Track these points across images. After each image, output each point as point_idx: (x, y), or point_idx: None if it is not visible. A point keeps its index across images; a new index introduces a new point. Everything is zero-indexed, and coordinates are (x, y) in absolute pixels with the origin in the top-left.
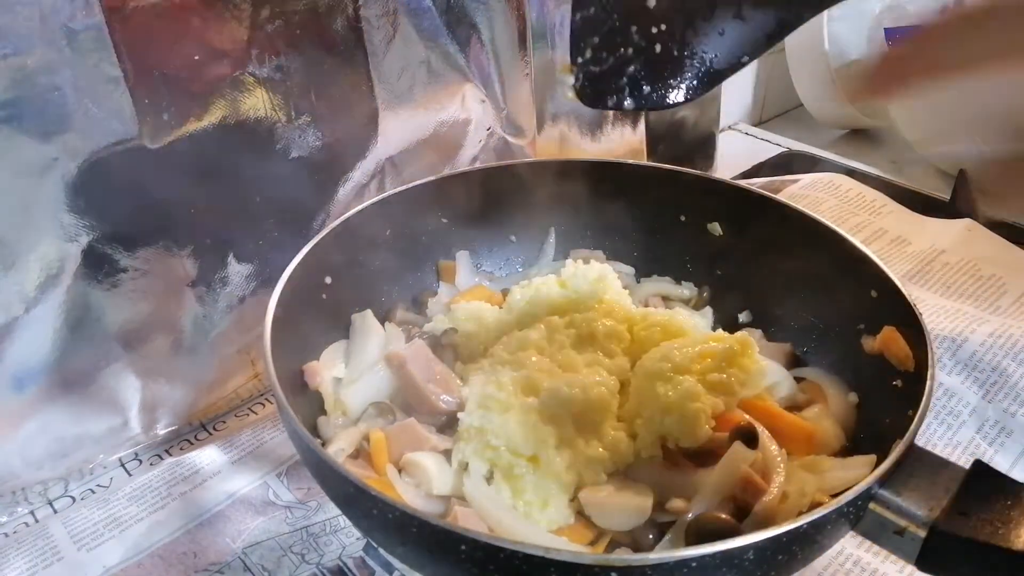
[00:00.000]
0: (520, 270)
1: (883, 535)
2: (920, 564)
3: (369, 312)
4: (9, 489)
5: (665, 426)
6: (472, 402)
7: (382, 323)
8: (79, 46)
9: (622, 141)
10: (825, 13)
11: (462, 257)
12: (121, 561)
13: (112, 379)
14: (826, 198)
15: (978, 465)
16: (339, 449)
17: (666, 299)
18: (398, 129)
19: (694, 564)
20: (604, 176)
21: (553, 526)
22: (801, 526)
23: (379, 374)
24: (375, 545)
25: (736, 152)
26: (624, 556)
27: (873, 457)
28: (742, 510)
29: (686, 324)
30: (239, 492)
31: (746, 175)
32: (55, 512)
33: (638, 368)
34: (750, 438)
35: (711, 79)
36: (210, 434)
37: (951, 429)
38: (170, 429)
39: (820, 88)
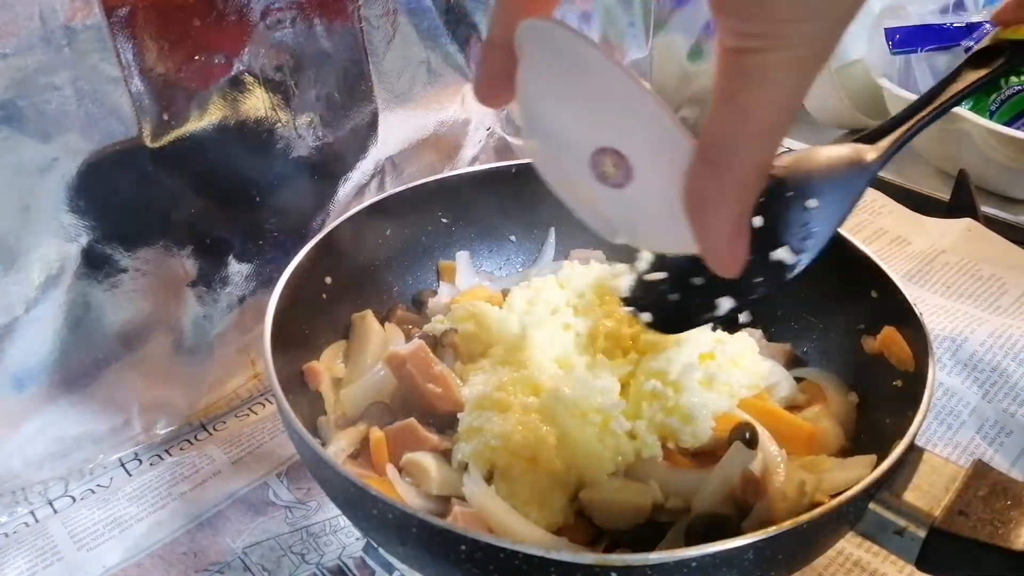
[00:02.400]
0: (520, 270)
1: (883, 535)
2: (920, 564)
3: (369, 312)
4: (9, 489)
5: (665, 426)
6: (472, 402)
7: (382, 323)
8: (79, 46)
9: None
10: None
11: (462, 257)
12: (121, 561)
13: (112, 379)
14: None
15: (978, 465)
16: (339, 449)
17: None
18: (398, 129)
19: (694, 564)
20: None
21: (553, 526)
22: (801, 526)
23: (379, 374)
24: (375, 545)
25: None
26: (624, 556)
27: (873, 457)
28: (742, 510)
29: None
30: (239, 492)
31: None
32: (55, 512)
33: (639, 369)
34: (750, 438)
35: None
36: (210, 434)
37: (951, 429)
38: (170, 429)
39: (821, 88)
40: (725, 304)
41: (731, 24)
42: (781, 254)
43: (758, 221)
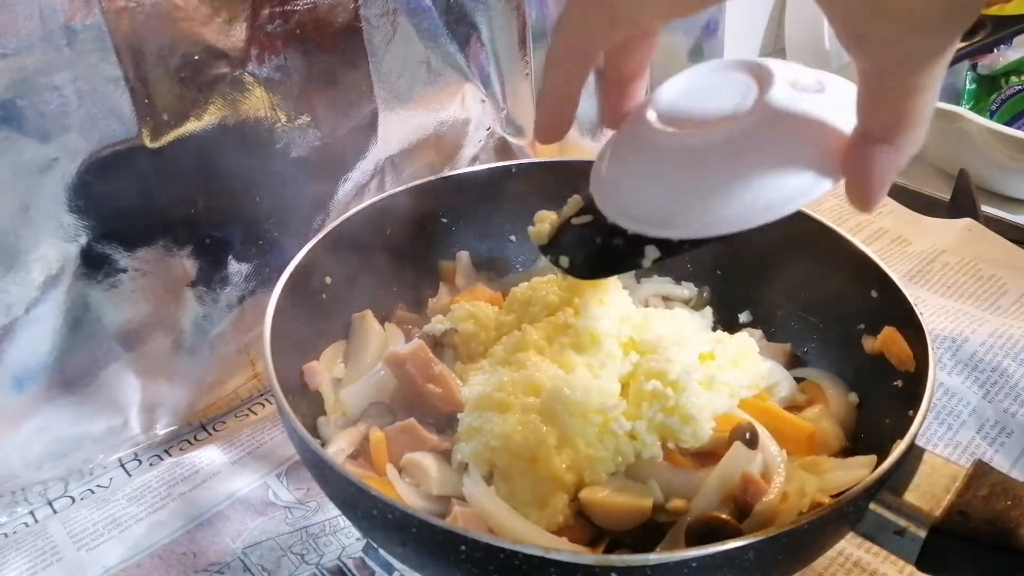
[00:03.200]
0: (520, 270)
1: (883, 535)
2: (920, 565)
3: (369, 312)
4: (9, 489)
5: (666, 426)
6: (472, 402)
7: (382, 323)
8: (79, 46)
9: None
10: None
11: (462, 257)
12: (120, 561)
13: (112, 379)
14: (826, 198)
15: (978, 465)
16: (339, 449)
17: (666, 299)
18: (398, 129)
19: (694, 564)
20: None
21: (553, 526)
22: (801, 526)
23: (379, 374)
24: (375, 545)
25: None
26: (624, 556)
27: (873, 457)
28: (742, 510)
29: (686, 325)
30: (239, 492)
31: None
32: (55, 512)
33: (638, 369)
34: (750, 438)
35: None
36: (210, 434)
37: (951, 429)
38: (170, 429)
39: None
40: (651, 253)
41: (863, 63)
42: None
43: None
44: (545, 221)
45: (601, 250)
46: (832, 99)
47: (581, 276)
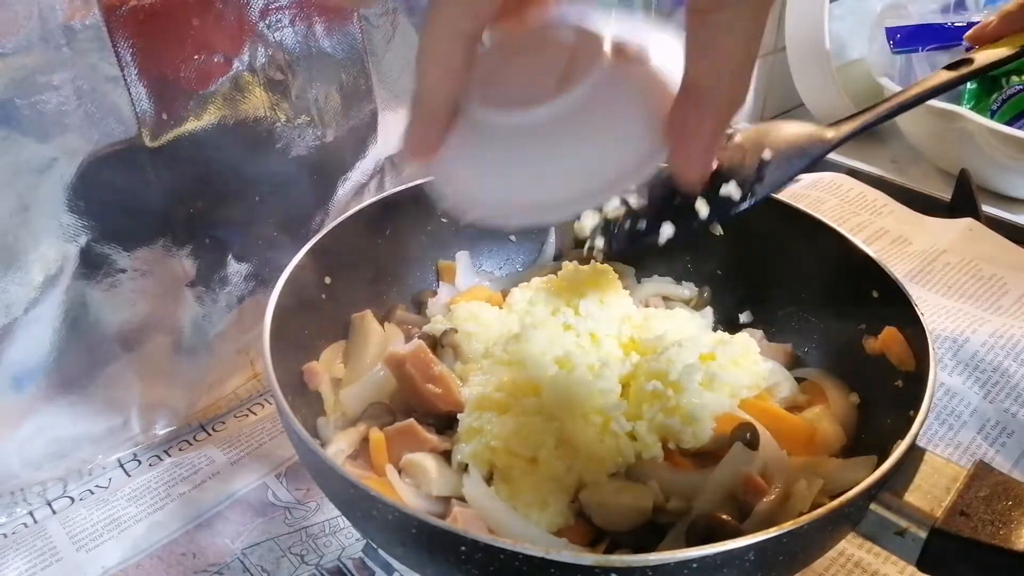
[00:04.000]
0: (520, 270)
1: (884, 536)
2: (921, 565)
3: (369, 312)
4: (8, 490)
5: (666, 427)
6: (472, 402)
7: (382, 323)
8: (78, 46)
9: None
10: (826, 12)
11: (462, 257)
12: (120, 562)
13: (111, 379)
14: (827, 198)
15: (979, 465)
16: (338, 450)
17: (667, 299)
18: (398, 128)
19: (695, 565)
20: None
21: (553, 527)
22: (802, 527)
23: (378, 374)
24: (374, 546)
25: None
26: (624, 557)
27: (874, 458)
28: (743, 511)
29: (687, 325)
30: (238, 493)
31: None
32: (54, 513)
33: (639, 369)
34: (751, 439)
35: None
36: (209, 434)
37: (952, 429)
38: (169, 429)
39: (821, 87)
40: (667, 230)
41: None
42: (730, 189)
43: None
44: (589, 218)
45: (627, 232)
46: (657, 64)
47: (611, 254)
